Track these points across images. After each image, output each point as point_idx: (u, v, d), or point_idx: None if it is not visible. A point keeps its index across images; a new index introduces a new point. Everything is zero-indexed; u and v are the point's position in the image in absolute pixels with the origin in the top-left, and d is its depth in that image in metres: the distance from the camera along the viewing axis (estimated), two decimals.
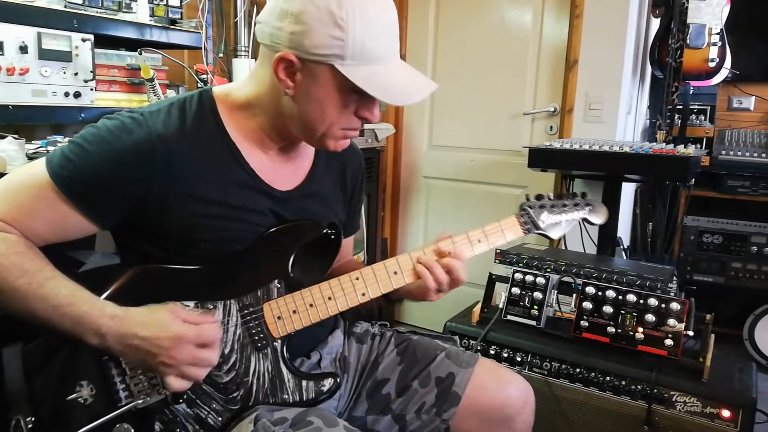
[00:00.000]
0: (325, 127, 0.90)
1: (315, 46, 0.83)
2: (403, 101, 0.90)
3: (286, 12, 0.84)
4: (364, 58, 0.84)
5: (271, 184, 0.97)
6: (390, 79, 0.87)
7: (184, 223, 0.90)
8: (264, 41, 0.89)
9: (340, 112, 0.89)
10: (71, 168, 0.85)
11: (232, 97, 0.95)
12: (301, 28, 0.83)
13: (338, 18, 0.81)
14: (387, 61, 0.87)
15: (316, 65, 0.85)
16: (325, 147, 0.94)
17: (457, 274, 0.98)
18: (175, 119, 0.90)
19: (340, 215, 1.11)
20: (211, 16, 2.08)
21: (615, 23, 2.34)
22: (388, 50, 0.87)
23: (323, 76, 0.85)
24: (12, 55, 1.29)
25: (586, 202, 1.14)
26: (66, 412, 0.85)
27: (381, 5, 0.86)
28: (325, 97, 0.87)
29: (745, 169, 2.64)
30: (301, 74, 0.86)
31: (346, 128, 0.92)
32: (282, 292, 0.95)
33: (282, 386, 0.94)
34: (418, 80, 0.92)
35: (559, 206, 1.12)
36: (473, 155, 2.80)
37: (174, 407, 0.88)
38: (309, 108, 0.88)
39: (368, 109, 0.91)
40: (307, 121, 0.90)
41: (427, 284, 0.97)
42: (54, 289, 0.81)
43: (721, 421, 1.41)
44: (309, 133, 0.93)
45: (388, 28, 0.87)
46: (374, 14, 0.84)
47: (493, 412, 1.06)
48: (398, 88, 0.88)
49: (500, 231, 1.06)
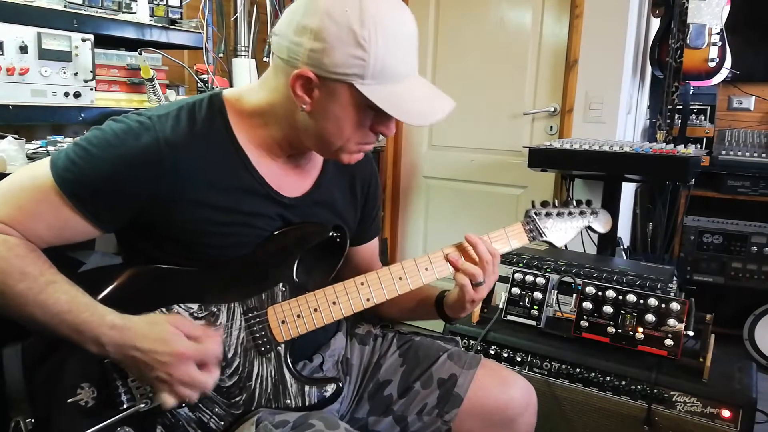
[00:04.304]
0: (341, 142, 0.89)
1: (335, 65, 0.81)
2: (422, 122, 0.88)
3: (305, 28, 0.82)
4: (384, 77, 0.83)
5: (279, 191, 0.96)
6: (409, 99, 0.85)
7: (190, 229, 0.89)
8: (281, 54, 0.87)
9: (357, 128, 0.88)
10: (76, 172, 0.83)
11: (243, 103, 0.94)
12: (321, 45, 0.81)
13: (360, 37, 0.80)
14: (406, 77, 0.86)
15: (334, 83, 0.83)
16: (339, 160, 0.93)
17: (495, 253, 1.00)
18: (184, 124, 0.89)
19: (350, 222, 1.10)
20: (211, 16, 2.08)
21: (615, 23, 2.34)
22: (407, 67, 0.86)
23: (342, 95, 0.84)
24: (12, 55, 1.29)
25: (592, 210, 1.14)
26: (67, 415, 0.84)
27: (403, 20, 0.84)
28: (342, 115, 0.86)
29: (745, 169, 2.64)
30: (319, 91, 0.84)
31: (361, 143, 0.91)
32: (287, 295, 0.95)
33: (285, 391, 0.94)
34: (437, 99, 0.90)
35: (564, 214, 1.11)
36: (473, 155, 2.80)
37: (176, 411, 0.88)
38: (326, 124, 0.87)
39: (385, 125, 0.90)
40: (322, 136, 0.89)
41: (469, 270, 0.97)
42: (54, 295, 0.80)
43: (721, 421, 1.41)
44: (324, 147, 0.92)
45: (408, 45, 0.86)
46: (396, 32, 0.83)
47: (496, 414, 1.06)
48: (417, 108, 0.86)
49: (505, 238, 1.06)
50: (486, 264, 0.98)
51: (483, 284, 0.99)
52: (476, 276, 0.98)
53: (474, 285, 0.98)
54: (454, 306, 1.04)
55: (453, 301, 1.04)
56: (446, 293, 1.08)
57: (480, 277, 0.98)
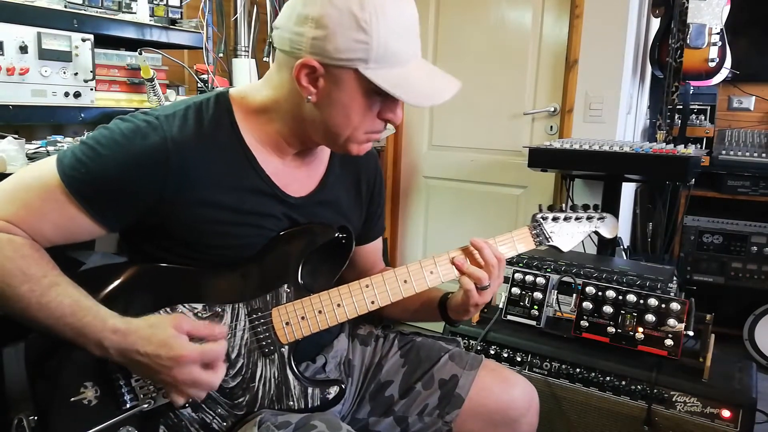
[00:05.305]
0: (349, 131, 0.89)
1: (338, 51, 0.81)
2: (429, 102, 0.88)
3: (306, 17, 0.82)
4: (387, 60, 0.83)
5: (285, 190, 0.96)
6: (414, 81, 0.85)
7: (197, 229, 0.89)
8: (283, 47, 0.87)
9: (364, 115, 0.88)
10: (83, 171, 0.83)
11: (249, 101, 0.94)
12: (323, 32, 0.81)
13: (361, 21, 0.80)
14: (409, 60, 0.86)
15: (339, 70, 0.83)
16: (348, 152, 0.93)
17: (501, 257, 0.99)
18: (191, 124, 0.88)
19: (355, 222, 1.10)
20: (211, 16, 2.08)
21: (615, 23, 2.34)
22: (410, 50, 0.86)
23: (347, 81, 0.84)
24: (12, 55, 1.28)
25: (599, 216, 1.14)
26: (69, 413, 0.84)
27: (403, 4, 0.84)
28: (349, 102, 0.85)
29: (745, 169, 2.64)
30: (324, 80, 0.84)
31: (369, 131, 0.91)
32: (291, 297, 0.94)
33: (288, 393, 0.93)
34: (441, 79, 0.90)
35: (571, 219, 1.11)
36: (473, 155, 2.80)
37: (179, 411, 0.88)
38: (333, 113, 0.87)
39: (392, 110, 0.90)
40: (330, 126, 0.88)
41: (475, 274, 0.97)
42: (57, 298, 0.79)
43: (721, 421, 1.42)
44: (332, 139, 0.91)
45: (410, 28, 0.86)
46: (397, 14, 0.83)
47: (497, 415, 1.06)
48: (423, 90, 0.86)
49: (512, 242, 1.06)
50: (492, 268, 0.98)
51: (488, 288, 0.99)
52: (482, 280, 0.98)
53: (479, 289, 0.98)
54: (458, 309, 1.04)
55: (457, 304, 1.04)
56: (450, 295, 1.08)
57: (485, 281, 0.98)
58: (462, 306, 1.02)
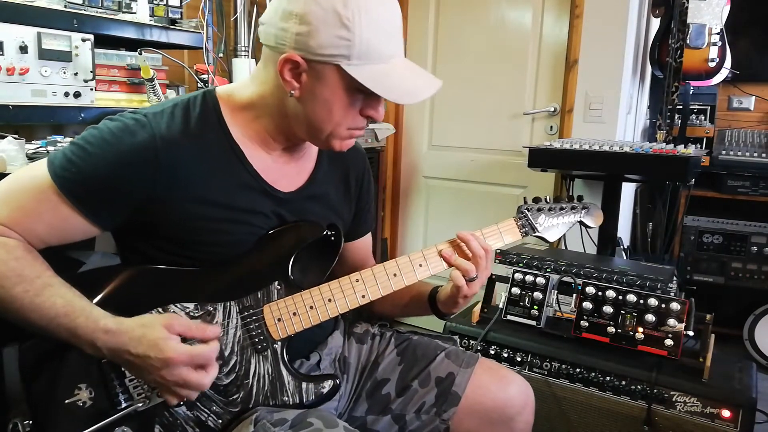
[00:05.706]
0: (331, 127, 0.90)
1: (321, 47, 0.83)
2: (409, 100, 0.89)
3: (291, 13, 0.83)
4: (369, 57, 0.84)
5: (274, 185, 0.97)
6: (396, 78, 0.87)
7: (187, 226, 0.90)
8: (268, 42, 0.88)
9: (346, 111, 0.89)
10: (73, 170, 0.84)
11: (235, 98, 0.95)
12: (307, 28, 0.82)
13: (344, 18, 0.81)
14: (392, 58, 0.87)
15: (322, 66, 0.84)
16: (331, 147, 0.94)
17: (488, 249, 1.00)
18: (178, 121, 0.90)
19: (345, 217, 1.11)
20: (211, 16, 2.08)
21: (615, 23, 2.34)
22: (392, 48, 0.87)
23: (329, 77, 0.85)
24: (12, 55, 1.29)
25: (583, 206, 1.15)
26: (64, 416, 0.84)
27: (385, 3, 0.86)
28: (331, 98, 0.87)
29: (745, 169, 2.64)
30: (306, 75, 0.85)
31: (351, 128, 0.92)
32: (282, 294, 0.95)
33: (282, 388, 0.94)
34: (423, 78, 0.91)
35: (556, 209, 1.13)
36: (473, 155, 2.80)
37: (174, 410, 0.88)
38: (315, 108, 0.88)
39: (374, 108, 0.91)
40: (313, 121, 0.90)
41: (462, 266, 0.98)
42: (50, 299, 0.80)
43: (721, 421, 1.41)
44: (315, 134, 0.92)
45: (392, 26, 0.87)
46: (379, 13, 0.84)
47: (494, 412, 1.06)
48: (404, 87, 0.88)
49: (498, 233, 1.07)
50: (479, 259, 0.99)
51: (476, 279, 1.00)
52: (469, 271, 0.98)
53: (467, 280, 0.99)
54: (447, 301, 1.05)
55: (446, 297, 1.04)
56: (439, 289, 1.09)
57: (473, 273, 0.99)
58: (451, 298, 1.03)
